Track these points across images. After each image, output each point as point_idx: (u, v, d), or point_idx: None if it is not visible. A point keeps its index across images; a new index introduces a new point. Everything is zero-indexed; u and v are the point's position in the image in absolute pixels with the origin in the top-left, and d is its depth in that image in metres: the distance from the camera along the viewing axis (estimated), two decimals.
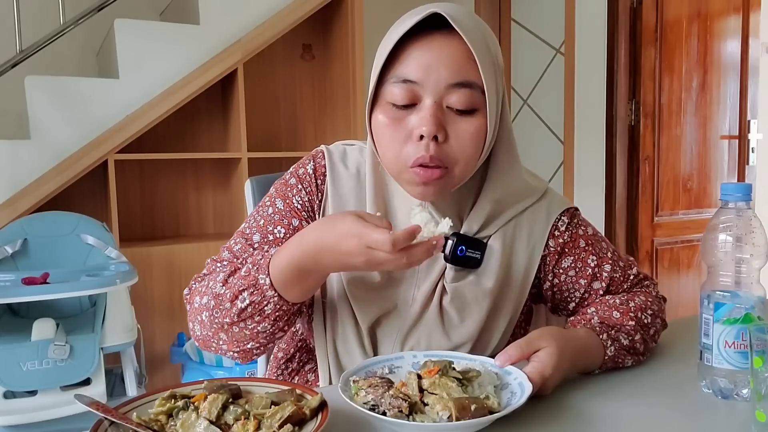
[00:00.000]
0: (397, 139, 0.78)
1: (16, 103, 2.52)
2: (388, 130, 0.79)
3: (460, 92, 0.76)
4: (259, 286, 0.77)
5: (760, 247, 0.72)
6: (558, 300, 0.94)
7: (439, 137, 0.76)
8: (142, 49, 2.49)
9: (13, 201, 2.31)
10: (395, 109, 0.78)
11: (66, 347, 1.80)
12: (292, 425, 0.62)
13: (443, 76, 0.75)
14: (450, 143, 0.77)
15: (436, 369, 0.71)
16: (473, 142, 0.78)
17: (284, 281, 0.76)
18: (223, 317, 0.80)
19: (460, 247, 0.83)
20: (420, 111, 0.77)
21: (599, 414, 0.71)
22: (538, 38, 3.30)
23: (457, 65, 0.76)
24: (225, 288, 0.80)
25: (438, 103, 0.76)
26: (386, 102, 0.79)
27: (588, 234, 0.94)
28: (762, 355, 0.63)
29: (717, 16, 2.93)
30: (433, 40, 0.76)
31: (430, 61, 0.75)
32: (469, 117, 0.78)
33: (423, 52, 0.76)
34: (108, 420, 0.63)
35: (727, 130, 3.02)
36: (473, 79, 0.76)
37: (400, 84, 0.76)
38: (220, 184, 3.03)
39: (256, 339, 0.82)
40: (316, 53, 3.22)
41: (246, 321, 0.79)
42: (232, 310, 0.78)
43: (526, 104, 3.41)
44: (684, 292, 2.96)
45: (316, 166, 0.91)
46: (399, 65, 0.77)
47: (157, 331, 2.58)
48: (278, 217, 0.89)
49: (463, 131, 0.77)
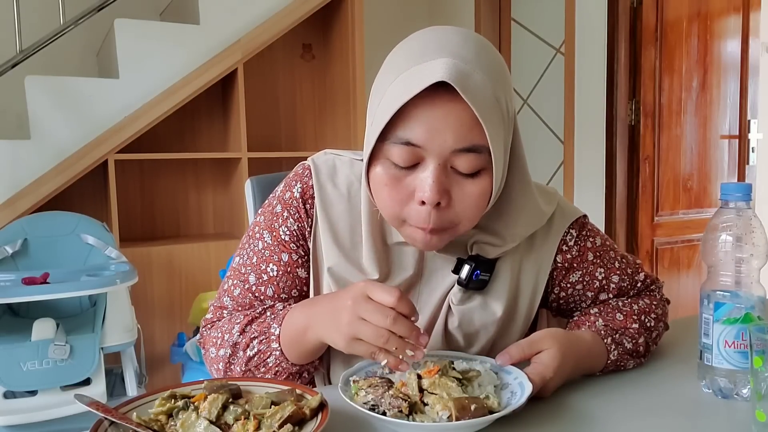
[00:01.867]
0: (396, 199, 0.74)
1: (16, 103, 2.52)
2: (387, 189, 0.74)
3: (465, 157, 0.71)
4: (268, 335, 0.79)
5: (760, 246, 0.72)
6: (563, 310, 0.94)
7: (443, 203, 0.72)
8: (142, 49, 2.49)
9: (13, 201, 2.31)
10: (396, 168, 0.73)
11: (66, 347, 1.80)
12: (292, 425, 0.62)
13: (449, 141, 0.70)
14: (454, 206, 0.73)
15: (436, 369, 0.71)
16: (478, 202, 0.74)
17: (288, 336, 0.78)
18: (236, 365, 0.81)
19: (476, 272, 0.81)
20: (423, 172, 0.72)
21: (599, 414, 0.71)
22: (538, 38, 3.30)
23: (464, 129, 0.70)
24: (242, 336, 0.81)
25: (442, 166, 0.71)
26: (386, 158, 0.73)
27: (596, 245, 0.91)
28: (762, 355, 0.63)
29: (717, 16, 2.93)
30: (438, 103, 0.69)
31: (434, 125, 0.70)
32: (475, 179, 0.73)
33: (428, 115, 0.69)
34: (108, 420, 0.63)
35: (727, 129, 3.02)
36: (480, 142, 0.70)
37: (402, 146, 0.71)
38: (220, 184, 3.04)
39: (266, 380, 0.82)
40: (316, 53, 3.22)
41: (254, 372, 0.80)
42: (243, 358, 0.80)
43: (526, 104, 3.40)
44: (684, 292, 2.96)
45: (304, 188, 0.86)
46: (401, 126, 0.70)
47: (157, 331, 2.58)
48: (268, 253, 0.86)
49: (468, 194, 0.73)
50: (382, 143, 0.72)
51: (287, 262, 0.86)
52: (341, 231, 0.84)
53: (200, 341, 0.89)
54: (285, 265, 0.86)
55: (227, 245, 2.70)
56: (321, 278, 0.86)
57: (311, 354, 0.79)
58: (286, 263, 0.86)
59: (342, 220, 0.85)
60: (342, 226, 0.85)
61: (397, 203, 0.74)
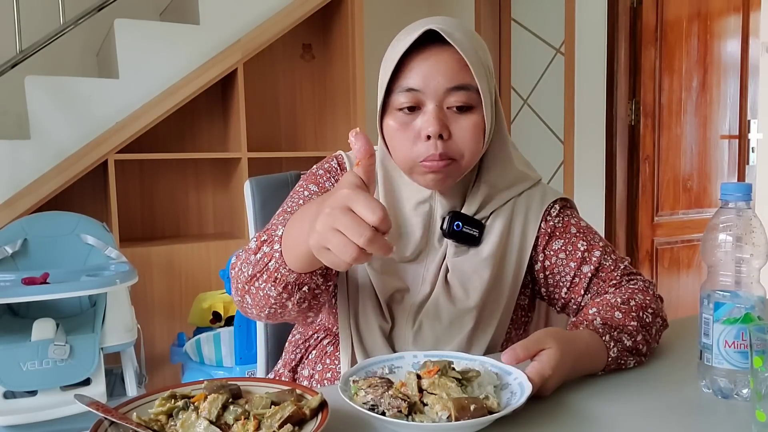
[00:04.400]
0: (407, 140, 0.87)
1: (16, 103, 2.52)
2: (398, 134, 0.88)
3: (457, 94, 0.86)
4: (273, 238, 0.78)
5: (760, 246, 0.72)
6: (550, 284, 0.97)
7: (444, 135, 0.86)
8: (142, 49, 2.49)
9: (13, 201, 2.31)
10: (402, 114, 0.88)
11: (66, 347, 1.80)
12: (292, 425, 0.62)
13: (441, 82, 0.85)
14: (454, 139, 0.87)
15: (436, 369, 0.71)
16: (474, 135, 0.87)
17: (288, 239, 0.75)
18: (246, 270, 0.81)
19: (456, 222, 0.91)
20: (424, 114, 0.86)
21: (599, 414, 0.71)
22: (538, 38, 3.30)
23: (452, 72, 0.85)
24: (255, 242, 0.82)
25: (439, 106, 0.86)
26: (395, 109, 0.88)
27: (580, 224, 0.99)
28: (762, 355, 0.63)
29: (717, 16, 2.93)
30: (430, 53, 0.86)
31: (428, 71, 0.85)
32: (468, 114, 0.87)
33: (422, 63, 0.86)
34: (108, 420, 0.63)
35: (727, 129, 3.01)
36: (468, 81, 0.86)
37: (405, 93, 0.86)
38: (220, 184, 3.04)
39: (269, 304, 0.81)
40: (316, 53, 3.22)
41: (258, 277, 0.79)
42: (252, 262, 0.80)
43: (526, 104, 3.40)
44: (684, 292, 2.96)
45: (340, 163, 1.01)
46: (403, 77, 0.87)
47: (157, 331, 2.58)
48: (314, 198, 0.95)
49: (464, 127, 0.87)
50: (389, 97, 0.88)
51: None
52: None
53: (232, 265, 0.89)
54: None
55: (227, 245, 2.70)
56: None
57: (306, 262, 0.74)
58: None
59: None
60: None
61: (408, 143, 0.87)
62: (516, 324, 0.98)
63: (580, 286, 0.95)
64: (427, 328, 0.91)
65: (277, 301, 0.80)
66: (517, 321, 0.98)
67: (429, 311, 0.92)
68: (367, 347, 0.93)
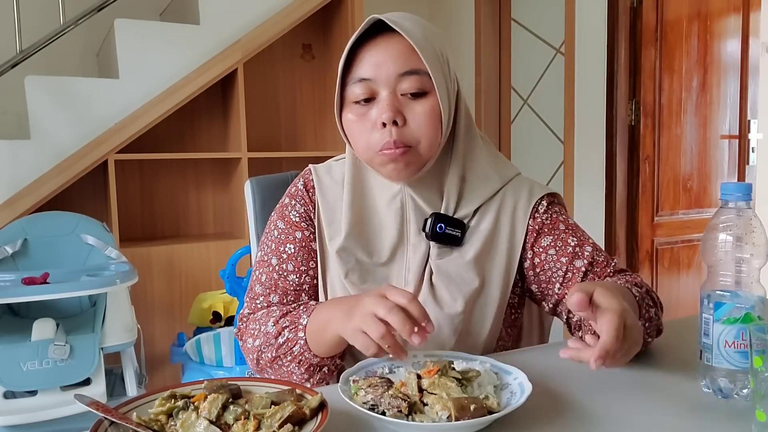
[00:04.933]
0: (364, 131, 0.89)
1: (16, 103, 2.52)
2: (356, 125, 0.89)
3: (409, 79, 0.86)
4: (296, 325, 0.87)
5: (760, 246, 0.72)
6: (542, 281, 0.96)
7: (399, 122, 0.86)
8: (142, 49, 2.49)
9: (13, 201, 2.31)
10: (359, 106, 0.89)
11: (66, 347, 1.80)
12: (292, 425, 0.62)
13: (392, 69, 0.86)
14: (409, 125, 0.87)
15: (436, 369, 0.71)
16: (429, 120, 0.87)
17: (313, 327, 0.85)
18: (269, 352, 0.89)
19: (439, 224, 0.91)
20: (378, 102, 0.87)
21: (599, 414, 0.71)
22: (538, 38, 3.30)
23: (402, 58, 0.86)
24: (275, 327, 0.90)
25: (392, 93, 0.87)
26: (351, 102, 0.90)
27: (568, 222, 0.98)
28: (762, 355, 0.62)
29: (717, 16, 2.92)
30: (379, 42, 0.88)
31: (379, 59, 0.87)
32: (422, 99, 0.87)
33: (372, 52, 0.87)
34: (108, 420, 0.63)
35: (727, 129, 3.01)
36: (418, 66, 0.86)
37: (358, 83, 0.88)
38: (220, 184, 3.04)
39: (290, 378, 0.90)
40: (316, 53, 3.22)
41: (282, 359, 0.88)
42: (275, 346, 0.88)
43: (526, 104, 3.40)
44: (684, 292, 2.95)
45: (305, 181, 1.01)
46: (356, 68, 0.88)
47: (157, 331, 2.58)
48: (284, 236, 0.98)
49: (419, 113, 0.87)
50: (345, 90, 0.90)
51: (301, 238, 0.97)
52: (337, 212, 0.97)
53: (237, 333, 0.99)
54: (299, 241, 0.97)
55: (227, 245, 2.70)
56: (326, 255, 0.96)
57: (331, 348, 0.84)
58: (300, 239, 0.97)
59: (338, 202, 0.97)
60: (338, 206, 0.97)
61: (365, 134, 0.88)
62: (506, 323, 0.97)
63: (574, 281, 0.93)
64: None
65: (297, 377, 0.89)
66: (508, 320, 0.97)
67: None
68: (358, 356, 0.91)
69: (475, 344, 0.92)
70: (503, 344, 0.98)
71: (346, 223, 0.93)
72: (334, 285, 0.95)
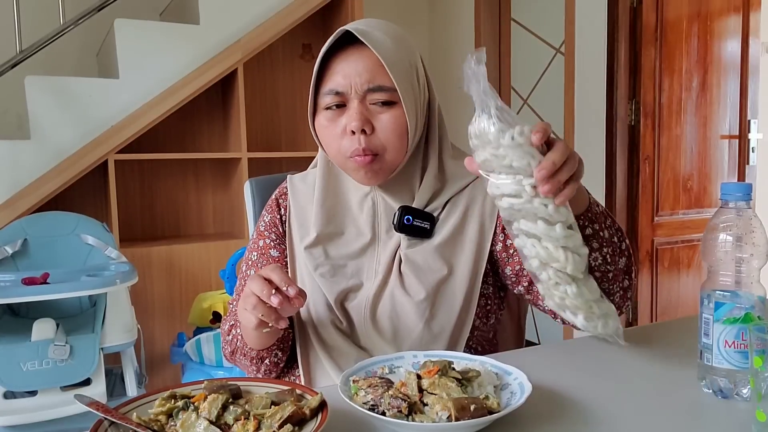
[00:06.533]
0: (335, 136, 0.93)
1: (16, 103, 2.52)
2: (327, 130, 0.94)
3: (377, 93, 0.91)
4: (236, 321, 0.95)
5: (760, 246, 0.72)
6: (515, 262, 0.96)
7: (367, 130, 0.90)
8: (142, 49, 2.49)
9: (13, 201, 2.31)
10: (331, 112, 0.93)
11: (66, 347, 1.80)
12: (292, 425, 0.62)
13: (360, 82, 0.90)
14: (377, 134, 0.91)
15: (436, 369, 0.71)
16: (396, 130, 0.91)
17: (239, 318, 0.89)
18: (227, 348, 1.00)
19: (407, 216, 0.94)
20: (348, 110, 0.92)
21: (599, 414, 0.71)
22: (538, 38, 3.30)
23: (369, 74, 0.90)
24: (227, 325, 1.00)
25: (362, 102, 0.91)
26: (323, 108, 0.94)
27: None
28: (762, 355, 0.63)
29: (717, 16, 2.92)
30: (350, 54, 0.91)
31: (348, 71, 0.91)
32: (390, 109, 0.91)
33: (343, 65, 0.91)
34: (108, 420, 0.63)
35: (727, 129, 3.01)
36: (385, 83, 0.90)
37: (330, 95, 0.92)
38: (220, 184, 3.04)
39: (249, 372, 0.99)
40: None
41: (235, 354, 0.98)
42: (228, 342, 0.99)
43: (526, 104, 3.41)
44: (684, 292, 2.95)
45: (279, 191, 1.08)
46: (326, 79, 0.93)
47: (157, 331, 2.58)
48: (253, 245, 1.06)
49: (386, 122, 0.91)
50: (319, 98, 0.94)
51: (262, 246, 1.05)
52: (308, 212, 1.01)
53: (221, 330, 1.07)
54: (261, 249, 1.04)
55: (227, 245, 2.70)
56: (295, 255, 1.01)
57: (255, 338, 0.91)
58: (262, 247, 1.04)
59: (308, 203, 1.02)
60: (308, 207, 1.02)
61: (336, 138, 0.93)
62: (480, 313, 0.97)
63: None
64: (384, 320, 0.93)
65: (251, 370, 0.98)
66: (481, 310, 0.97)
67: (385, 303, 0.94)
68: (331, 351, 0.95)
69: (442, 331, 0.93)
70: (481, 334, 0.99)
71: (316, 220, 0.98)
72: (304, 283, 0.98)
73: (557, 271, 0.75)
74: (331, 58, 0.93)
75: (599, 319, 0.79)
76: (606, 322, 0.79)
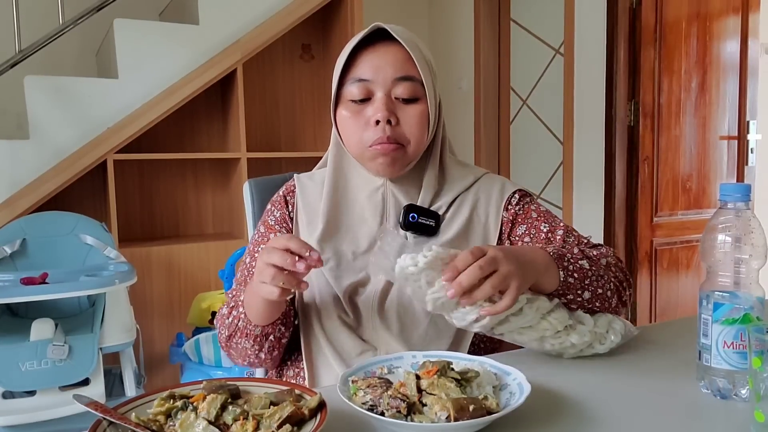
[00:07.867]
0: (358, 127, 0.95)
1: (15, 103, 2.52)
2: (350, 121, 0.96)
3: (404, 84, 0.94)
4: (238, 302, 0.94)
5: (758, 247, 0.72)
6: None
7: (392, 121, 0.94)
8: (142, 49, 2.49)
9: (13, 201, 2.31)
10: (354, 104, 0.96)
11: (65, 347, 1.80)
12: (291, 425, 0.62)
13: (389, 73, 0.94)
14: (401, 126, 0.95)
15: (435, 369, 0.71)
16: (419, 123, 0.95)
17: (247, 300, 0.91)
18: (225, 332, 0.96)
19: (412, 215, 0.96)
20: (374, 103, 0.94)
21: (598, 414, 0.71)
22: (537, 38, 3.30)
23: (399, 63, 0.94)
24: (226, 308, 0.98)
25: (387, 95, 0.94)
26: (347, 100, 0.96)
27: (540, 210, 1.04)
28: (761, 356, 0.63)
29: (717, 17, 2.93)
30: (378, 47, 0.95)
31: (378, 62, 0.94)
32: (414, 104, 0.95)
33: (372, 56, 0.95)
34: (107, 420, 0.63)
35: (727, 130, 3.02)
36: (413, 73, 0.94)
37: (356, 83, 0.95)
38: (219, 184, 3.04)
39: (247, 356, 0.97)
40: (316, 53, 3.22)
41: (234, 336, 0.95)
42: (227, 325, 0.96)
43: (525, 104, 3.41)
44: (683, 292, 2.96)
45: (286, 188, 1.08)
46: (354, 69, 0.95)
47: (156, 331, 2.58)
48: (260, 238, 1.05)
49: (410, 116, 0.95)
50: (342, 88, 0.96)
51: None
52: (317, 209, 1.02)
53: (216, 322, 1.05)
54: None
55: (226, 245, 2.70)
56: None
57: (263, 313, 0.89)
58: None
59: (317, 200, 1.03)
60: (317, 204, 1.03)
61: (359, 130, 0.95)
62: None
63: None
64: (392, 314, 0.94)
65: (252, 352, 0.95)
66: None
67: (393, 298, 0.95)
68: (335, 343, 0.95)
69: (447, 327, 0.94)
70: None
71: (324, 215, 0.99)
72: (311, 276, 0.97)
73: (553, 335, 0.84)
74: (357, 51, 0.95)
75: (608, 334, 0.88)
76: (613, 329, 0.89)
